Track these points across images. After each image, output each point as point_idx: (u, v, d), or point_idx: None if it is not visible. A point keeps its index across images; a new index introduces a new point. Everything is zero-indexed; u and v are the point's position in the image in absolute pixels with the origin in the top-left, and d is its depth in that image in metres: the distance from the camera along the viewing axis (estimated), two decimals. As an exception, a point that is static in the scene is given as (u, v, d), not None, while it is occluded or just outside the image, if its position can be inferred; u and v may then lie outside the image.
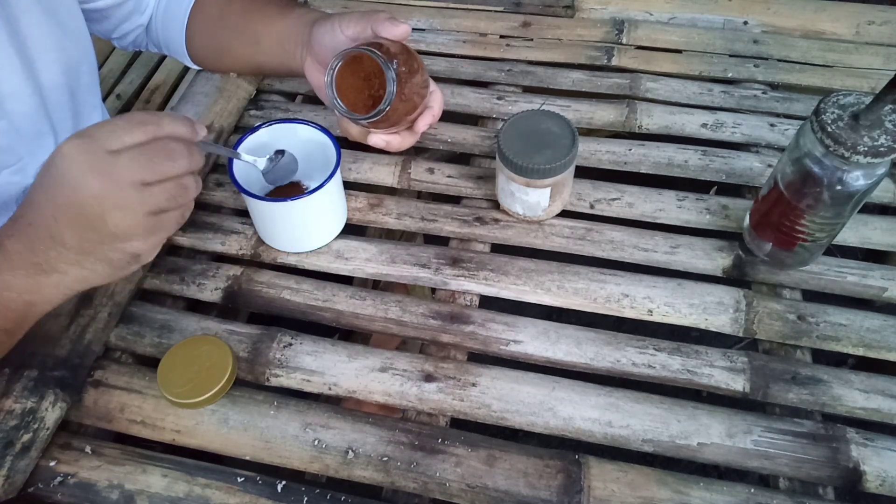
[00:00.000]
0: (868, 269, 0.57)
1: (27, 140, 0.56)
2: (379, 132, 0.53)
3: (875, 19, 0.79)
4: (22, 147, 0.55)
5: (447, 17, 0.82)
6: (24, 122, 0.55)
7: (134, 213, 0.42)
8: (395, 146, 0.54)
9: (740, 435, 0.48)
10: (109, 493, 0.46)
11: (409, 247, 0.59)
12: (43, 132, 0.57)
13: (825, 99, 0.48)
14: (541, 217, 0.59)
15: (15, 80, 0.53)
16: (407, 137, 0.55)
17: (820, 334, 0.54)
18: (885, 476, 0.46)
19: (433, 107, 0.54)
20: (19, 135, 0.55)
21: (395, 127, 0.53)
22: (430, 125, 0.54)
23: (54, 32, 0.56)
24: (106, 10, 0.64)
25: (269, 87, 0.75)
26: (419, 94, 0.52)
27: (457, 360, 0.53)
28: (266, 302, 0.56)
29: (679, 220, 0.61)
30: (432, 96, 0.55)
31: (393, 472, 0.47)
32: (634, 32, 0.79)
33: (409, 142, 0.55)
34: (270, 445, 0.48)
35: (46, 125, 0.57)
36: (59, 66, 0.57)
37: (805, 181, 0.49)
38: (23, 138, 0.55)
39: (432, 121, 0.54)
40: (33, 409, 0.49)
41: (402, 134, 0.55)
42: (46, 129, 0.58)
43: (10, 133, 0.54)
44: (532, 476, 0.47)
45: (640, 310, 0.55)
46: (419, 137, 0.56)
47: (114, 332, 0.54)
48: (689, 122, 0.70)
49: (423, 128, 0.54)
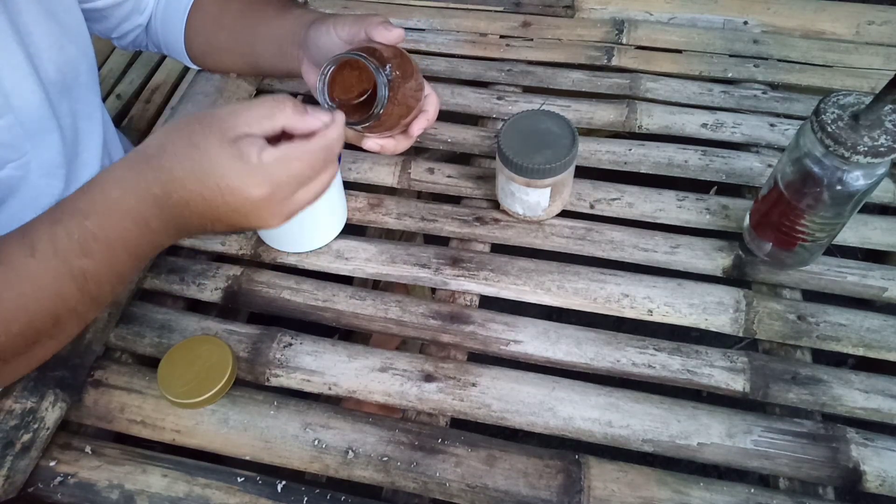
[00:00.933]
0: (868, 269, 0.57)
1: (32, 135, 0.56)
2: (373, 136, 0.53)
3: (875, 19, 0.79)
4: (26, 142, 0.56)
5: (447, 17, 0.82)
6: (29, 118, 0.55)
7: (280, 213, 0.43)
8: (390, 150, 0.54)
9: (740, 435, 0.48)
10: (109, 493, 0.46)
11: (409, 247, 0.59)
12: (48, 128, 0.58)
13: (825, 99, 0.48)
14: (541, 217, 0.59)
15: (19, 76, 0.54)
16: (402, 141, 0.55)
17: (820, 334, 0.54)
18: (885, 476, 0.46)
19: (428, 110, 0.54)
20: (24, 130, 0.55)
21: (389, 131, 0.53)
22: (425, 129, 0.54)
23: (53, 31, 0.56)
24: (105, 9, 0.65)
25: (269, 88, 0.75)
26: (414, 97, 0.52)
27: (457, 360, 0.53)
28: (266, 302, 0.56)
29: (679, 220, 0.61)
30: (427, 100, 0.55)
31: (393, 472, 0.47)
32: (634, 32, 0.79)
33: (403, 145, 0.55)
34: (270, 445, 0.48)
35: (52, 121, 0.58)
36: (56, 65, 0.58)
37: (805, 181, 0.49)
38: (28, 133, 0.55)
39: (427, 125, 0.54)
40: (33, 409, 0.49)
41: (396, 138, 0.55)
42: (52, 126, 0.58)
43: (14, 128, 0.54)
44: (532, 476, 0.47)
45: (640, 310, 0.55)
46: (415, 141, 0.56)
47: (114, 332, 0.54)
48: (689, 122, 0.70)
49: (417, 132, 0.54)
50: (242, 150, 0.40)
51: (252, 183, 0.40)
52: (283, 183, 0.41)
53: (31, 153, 0.56)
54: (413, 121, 0.54)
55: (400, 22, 0.81)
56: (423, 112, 0.54)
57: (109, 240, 0.42)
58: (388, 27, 0.51)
